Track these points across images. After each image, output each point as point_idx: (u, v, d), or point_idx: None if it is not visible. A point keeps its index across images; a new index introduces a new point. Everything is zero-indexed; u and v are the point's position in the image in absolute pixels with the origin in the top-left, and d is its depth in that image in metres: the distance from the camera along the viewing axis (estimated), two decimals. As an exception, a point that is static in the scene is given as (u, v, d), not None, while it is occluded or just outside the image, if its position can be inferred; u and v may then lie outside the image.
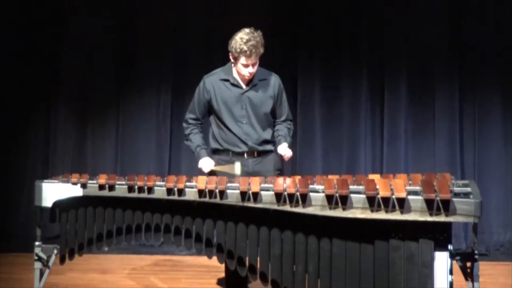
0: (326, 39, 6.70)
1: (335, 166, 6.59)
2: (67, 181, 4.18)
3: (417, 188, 3.70)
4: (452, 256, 3.71)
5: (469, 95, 6.66)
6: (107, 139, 6.86)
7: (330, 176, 3.99)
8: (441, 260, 3.65)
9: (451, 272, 3.67)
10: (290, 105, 6.79)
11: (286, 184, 3.83)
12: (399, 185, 3.69)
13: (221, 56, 6.61)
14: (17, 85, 6.73)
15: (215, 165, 4.49)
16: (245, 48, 4.36)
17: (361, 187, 3.74)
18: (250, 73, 4.46)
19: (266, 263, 3.90)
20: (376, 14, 6.68)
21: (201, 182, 3.97)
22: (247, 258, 3.94)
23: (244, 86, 4.53)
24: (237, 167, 4.38)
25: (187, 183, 4.00)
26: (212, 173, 4.45)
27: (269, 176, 4.21)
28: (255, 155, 4.54)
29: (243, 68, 4.44)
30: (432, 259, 3.64)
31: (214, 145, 4.59)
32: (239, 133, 4.51)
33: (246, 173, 4.41)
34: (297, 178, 3.98)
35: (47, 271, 4.24)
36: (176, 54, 6.80)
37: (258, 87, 4.55)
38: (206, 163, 4.50)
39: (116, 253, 6.23)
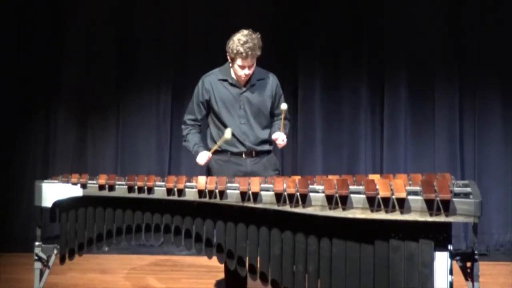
0: (326, 40, 6.70)
1: (335, 166, 6.59)
2: (67, 181, 4.18)
3: (417, 188, 3.70)
4: (452, 256, 3.71)
5: (469, 95, 6.65)
6: (107, 139, 6.86)
7: (330, 176, 3.99)
8: (441, 260, 3.65)
9: (451, 272, 3.67)
10: (291, 105, 6.83)
11: (286, 184, 3.83)
12: (399, 185, 3.69)
13: (221, 56, 6.63)
14: (17, 85, 6.72)
15: (210, 157, 4.49)
16: (241, 50, 4.36)
17: (361, 187, 3.75)
18: (246, 75, 4.47)
19: (266, 263, 3.90)
20: (376, 14, 6.68)
21: (201, 183, 3.97)
22: (247, 258, 3.94)
23: (242, 87, 4.53)
24: (227, 133, 4.40)
25: (187, 183, 4.01)
26: (209, 165, 4.51)
27: (268, 176, 4.21)
28: (253, 155, 4.54)
29: (239, 69, 4.45)
30: (432, 259, 3.65)
31: (211, 145, 4.59)
32: (237, 133, 4.51)
33: (244, 173, 4.42)
34: (297, 178, 3.98)
35: (47, 271, 4.24)
36: (176, 54, 6.80)
37: (256, 88, 4.55)
38: (202, 156, 4.50)
39: (116, 253, 6.23)
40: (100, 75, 6.83)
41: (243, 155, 4.53)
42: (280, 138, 4.51)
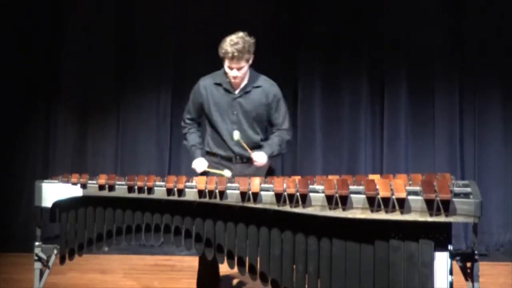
0: (326, 39, 6.70)
1: (335, 166, 6.59)
2: (67, 181, 4.18)
3: (417, 188, 3.70)
4: (452, 256, 3.71)
5: (469, 95, 6.66)
6: (107, 139, 6.86)
7: (330, 176, 3.99)
8: (441, 260, 3.65)
9: (451, 272, 3.67)
10: (290, 105, 6.81)
11: (286, 184, 3.83)
12: (399, 185, 3.69)
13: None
14: (17, 85, 6.73)
15: (208, 166, 4.50)
16: (229, 49, 4.37)
17: (361, 187, 3.75)
18: (234, 77, 4.45)
19: (266, 263, 3.90)
20: (376, 14, 6.68)
21: (201, 183, 3.97)
22: (247, 258, 3.95)
23: (236, 92, 4.53)
24: (226, 173, 4.39)
25: (187, 184, 4.01)
26: (204, 173, 4.47)
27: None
28: (244, 160, 4.54)
29: (228, 70, 4.45)
30: (432, 259, 3.65)
31: (206, 147, 4.64)
32: (228, 138, 4.52)
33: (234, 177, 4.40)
34: (297, 178, 3.98)
35: (47, 271, 4.24)
36: (176, 54, 6.80)
37: (251, 94, 4.54)
38: (199, 164, 4.53)
39: (116, 253, 6.23)
40: (100, 75, 6.83)
41: (233, 160, 4.54)
42: (260, 160, 4.46)
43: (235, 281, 5.34)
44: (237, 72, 4.43)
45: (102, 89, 6.84)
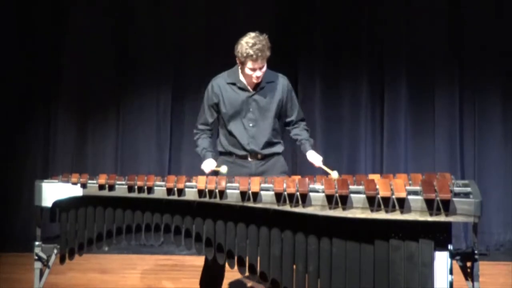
0: (326, 39, 6.70)
1: (335, 166, 6.56)
2: (67, 181, 4.18)
3: (417, 188, 3.70)
4: (452, 256, 3.71)
5: (469, 95, 6.66)
6: (107, 139, 6.86)
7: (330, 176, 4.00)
8: (441, 260, 3.65)
9: (451, 272, 3.67)
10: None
11: (286, 184, 3.83)
12: (399, 185, 3.69)
13: (221, 57, 6.62)
14: (17, 85, 6.73)
15: (216, 166, 4.48)
16: (251, 52, 4.34)
17: (361, 187, 3.75)
18: (258, 77, 4.43)
19: (266, 263, 3.90)
20: (376, 14, 6.68)
21: (201, 182, 3.97)
22: (247, 258, 3.95)
23: (251, 90, 4.52)
24: (223, 169, 4.39)
25: (187, 183, 4.01)
26: (215, 173, 4.46)
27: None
28: (259, 157, 4.52)
29: (250, 72, 4.42)
30: (432, 259, 3.65)
31: (219, 147, 4.59)
32: (245, 136, 4.49)
33: (249, 175, 4.36)
34: (297, 178, 3.98)
35: (47, 271, 4.24)
36: (176, 54, 6.80)
37: (266, 90, 4.52)
38: (207, 164, 4.49)
39: (116, 253, 6.23)
40: (100, 75, 6.83)
41: (248, 158, 4.51)
42: (317, 159, 4.66)
43: (234, 281, 5.34)
44: (260, 71, 4.42)
45: (102, 89, 6.84)
